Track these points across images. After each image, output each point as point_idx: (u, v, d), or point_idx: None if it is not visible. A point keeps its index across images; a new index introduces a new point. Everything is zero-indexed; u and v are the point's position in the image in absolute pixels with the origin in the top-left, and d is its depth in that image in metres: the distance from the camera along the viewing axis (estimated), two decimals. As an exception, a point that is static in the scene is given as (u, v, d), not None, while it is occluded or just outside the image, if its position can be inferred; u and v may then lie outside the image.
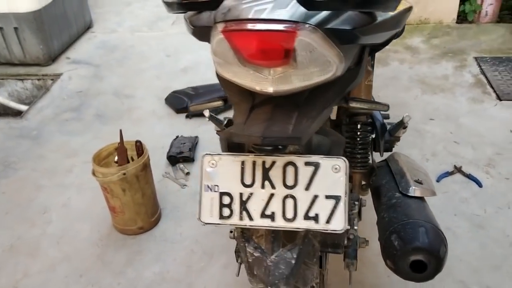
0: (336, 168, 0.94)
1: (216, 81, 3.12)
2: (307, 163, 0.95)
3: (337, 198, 0.94)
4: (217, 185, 0.98)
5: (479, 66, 3.30)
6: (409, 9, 1.21)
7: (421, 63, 3.37)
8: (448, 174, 2.36)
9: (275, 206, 0.97)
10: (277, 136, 0.87)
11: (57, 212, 2.30)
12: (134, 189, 1.99)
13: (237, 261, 1.45)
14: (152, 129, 2.86)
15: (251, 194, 0.98)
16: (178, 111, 2.98)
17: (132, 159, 2.04)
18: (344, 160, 0.94)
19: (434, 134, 2.65)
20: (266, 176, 0.97)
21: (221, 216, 0.99)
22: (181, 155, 2.54)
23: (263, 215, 0.97)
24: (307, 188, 0.95)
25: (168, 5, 1.02)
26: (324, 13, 0.88)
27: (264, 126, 0.89)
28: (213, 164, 0.99)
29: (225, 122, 1.65)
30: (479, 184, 2.30)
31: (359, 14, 0.92)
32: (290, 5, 0.88)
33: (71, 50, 3.92)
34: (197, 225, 2.15)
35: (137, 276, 1.93)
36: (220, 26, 0.90)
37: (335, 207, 0.94)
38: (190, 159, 2.54)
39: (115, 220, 2.11)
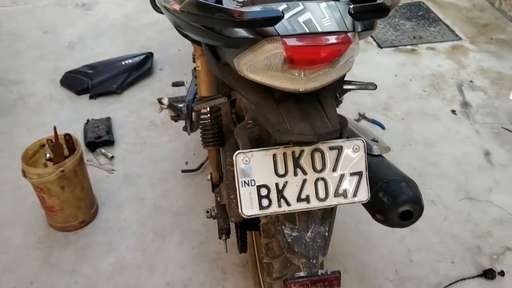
0: (356, 148, 1.07)
1: (112, 55, 2.99)
2: (332, 148, 1.06)
3: (359, 174, 1.07)
4: (253, 180, 1.04)
5: (355, 17, 3.61)
6: None
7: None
8: (355, 121, 2.63)
9: (309, 190, 1.06)
10: (326, 132, 0.96)
11: (-24, 222, 2.10)
12: (74, 185, 1.91)
13: (220, 238, 1.52)
14: (57, 116, 2.67)
15: (286, 182, 1.06)
16: (79, 92, 2.82)
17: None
18: (362, 140, 1.07)
19: (334, 86, 2.89)
20: (297, 164, 1.06)
21: (261, 207, 1.05)
22: (100, 140, 2.45)
23: (299, 199, 1.06)
24: (334, 169, 1.07)
25: (201, 17, 0.96)
26: (351, 20, 0.97)
27: (308, 124, 0.97)
28: (246, 161, 1.05)
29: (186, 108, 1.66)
30: (382, 127, 2.61)
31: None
32: (331, 15, 0.95)
33: None
34: (139, 209, 2.14)
35: (93, 270, 1.89)
36: (279, 41, 0.92)
37: (359, 181, 1.07)
38: (110, 142, 2.46)
39: (52, 219, 2.01)
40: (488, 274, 1.83)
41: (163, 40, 3.32)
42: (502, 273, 1.84)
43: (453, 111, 2.72)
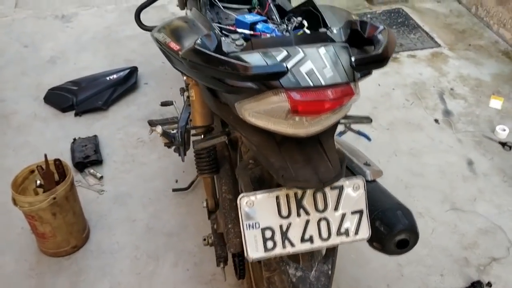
0: (356, 187, 1.10)
1: (95, 70, 2.96)
2: (333, 188, 1.09)
3: (360, 212, 1.10)
4: (258, 222, 1.06)
5: (337, 25, 3.65)
6: None
7: (288, 28, 3.61)
8: (341, 133, 2.66)
9: (312, 230, 1.09)
10: (329, 178, 0.99)
11: (-36, 249, 2.07)
12: (65, 211, 1.90)
13: (218, 265, 1.54)
14: (42, 135, 2.65)
15: (290, 223, 1.08)
16: (64, 109, 2.79)
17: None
18: (362, 179, 1.10)
19: (319, 97, 2.93)
20: (300, 205, 1.08)
21: (266, 249, 1.07)
22: (88, 160, 2.43)
23: (302, 240, 1.09)
24: (336, 209, 1.09)
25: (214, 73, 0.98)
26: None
27: (312, 169, 0.99)
28: (250, 204, 1.06)
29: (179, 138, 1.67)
30: (368, 138, 2.64)
31: None
32: (331, 64, 0.97)
33: None
34: (131, 230, 2.14)
35: (88, 296, 1.89)
36: (284, 93, 0.94)
37: (360, 219, 1.10)
38: (98, 162, 2.45)
39: (44, 245, 1.99)
40: (476, 286, 1.89)
41: (147, 52, 3.31)
42: (489, 285, 1.90)
43: (436, 120, 2.78)
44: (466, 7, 3.89)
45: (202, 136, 1.51)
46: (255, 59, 0.98)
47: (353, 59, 0.97)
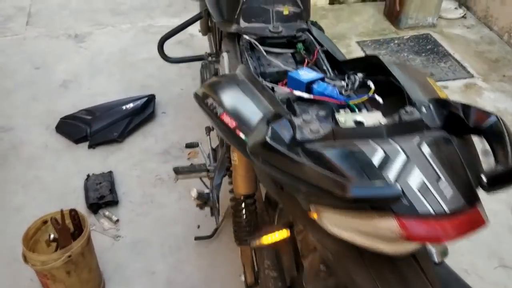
0: None
1: (110, 96, 2.78)
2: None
3: None
4: None
5: (363, 50, 3.48)
6: None
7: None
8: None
9: None
10: None
11: (-32, 302, 1.89)
12: (81, 268, 1.72)
13: None
14: (53, 169, 2.46)
15: None
16: (77, 141, 2.61)
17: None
18: None
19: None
20: None
21: None
22: (104, 200, 2.24)
23: None
24: None
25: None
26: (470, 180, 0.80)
27: None
28: None
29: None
30: (404, 181, 2.46)
31: None
32: (444, 174, 0.78)
33: None
34: (150, 284, 1.95)
35: None
36: (394, 219, 0.74)
37: None
38: (113, 203, 2.26)
39: (56, 303, 1.81)
40: None
41: (164, 78, 3.14)
42: None
43: (475, 161, 2.59)
44: (498, 34, 3.71)
45: (244, 204, 1.32)
46: (342, 159, 0.78)
47: (483, 177, 0.76)
